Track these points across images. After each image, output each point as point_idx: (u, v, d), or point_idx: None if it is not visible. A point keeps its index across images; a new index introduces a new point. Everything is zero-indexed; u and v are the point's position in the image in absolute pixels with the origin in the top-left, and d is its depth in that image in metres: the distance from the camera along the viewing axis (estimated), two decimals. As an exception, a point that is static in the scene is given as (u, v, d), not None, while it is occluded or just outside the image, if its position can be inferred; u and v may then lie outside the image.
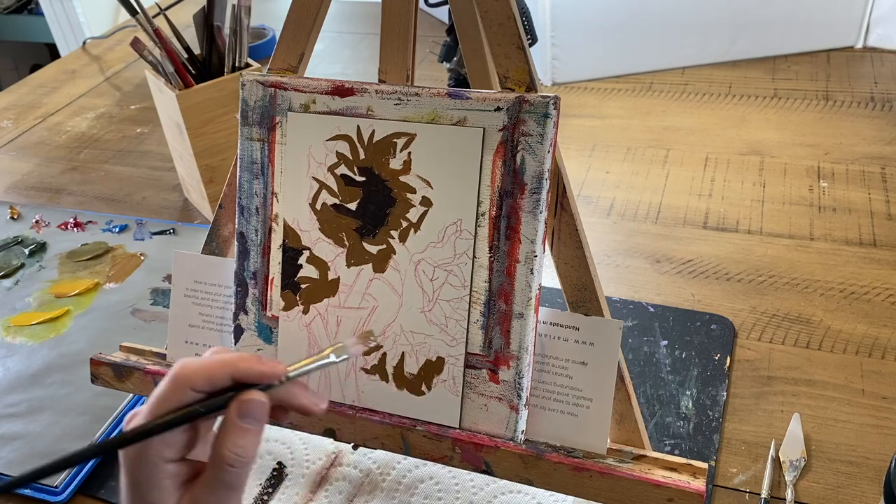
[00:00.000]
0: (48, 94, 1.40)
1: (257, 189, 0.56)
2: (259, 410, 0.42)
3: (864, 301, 0.78)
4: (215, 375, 0.42)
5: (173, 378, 0.42)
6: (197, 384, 0.42)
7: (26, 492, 0.66)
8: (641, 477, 0.49)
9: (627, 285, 0.83)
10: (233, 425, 0.42)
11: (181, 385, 0.41)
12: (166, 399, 0.41)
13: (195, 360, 0.42)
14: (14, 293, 0.89)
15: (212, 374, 0.42)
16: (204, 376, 0.42)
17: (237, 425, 0.42)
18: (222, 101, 0.93)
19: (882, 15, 1.20)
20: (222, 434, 0.42)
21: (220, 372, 0.42)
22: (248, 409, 0.42)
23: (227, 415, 0.42)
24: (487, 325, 0.50)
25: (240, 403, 0.42)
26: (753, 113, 1.11)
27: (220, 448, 0.42)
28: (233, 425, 0.42)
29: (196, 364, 0.42)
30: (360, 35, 1.50)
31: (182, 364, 0.42)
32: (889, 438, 0.65)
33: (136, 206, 1.05)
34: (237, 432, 0.42)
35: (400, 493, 0.63)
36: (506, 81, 0.49)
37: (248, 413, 0.42)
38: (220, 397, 0.42)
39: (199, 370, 0.42)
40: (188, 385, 0.42)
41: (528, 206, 0.49)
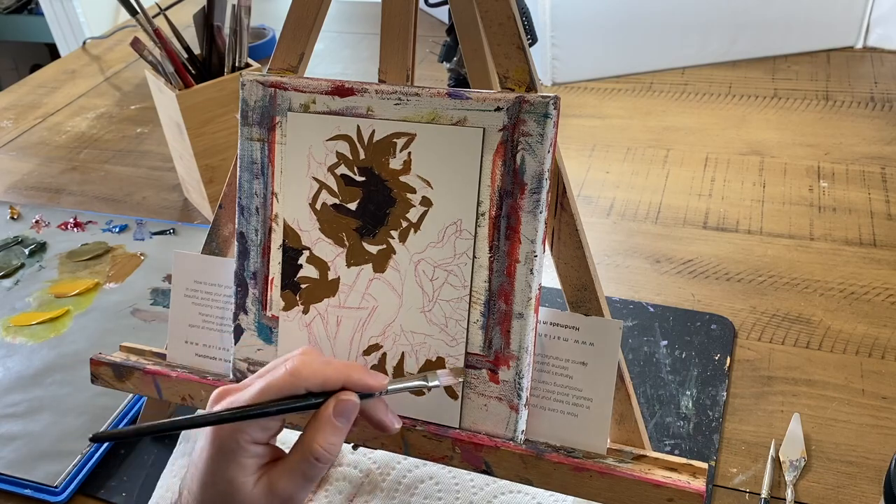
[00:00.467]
0: (48, 94, 1.40)
1: (257, 189, 0.56)
2: (353, 411, 0.45)
3: (864, 301, 0.78)
4: (330, 381, 0.45)
5: (293, 374, 0.44)
6: (311, 387, 0.44)
7: (26, 492, 0.66)
8: (641, 477, 0.49)
9: (627, 285, 0.83)
10: (328, 422, 0.44)
11: (298, 384, 0.44)
12: (280, 390, 0.44)
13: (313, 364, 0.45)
14: (14, 293, 0.89)
15: (328, 379, 0.45)
16: (321, 381, 0.45)
17: (332, 423, 0.44)
18: (222, 101, 0.93)
19: (882, 15, 1.20)
20: (315, 429, 0.44)
21: (334, 379, 0.45)
22: (343, 409, 0.45)
23: (322, 412, 0.45)
24: (487, 325, 0.50)
25: (338, 403, 0.45)
26: (753, 113, 1.11)
27: (311, 443, 0.44)
28: (328, 422, 0.44)
29: (316, 368, 0.45)
30: (360, 35, 1.50)
31: (304, 364, 0.45)
32: (889, 438, 0.65)
33: (136, 206, 1.05)
34: (331, 429, 0.44)
35: (400, 493, 0.63)
36: (506, 81, 0.49)
37: (343, 413, 0.45)
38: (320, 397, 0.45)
39: (318, 375, 0.44)
40: (304, 385, 0.44)
41: (528, 206, 0.49)
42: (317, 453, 0.44)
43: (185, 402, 0.61)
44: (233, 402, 0.44)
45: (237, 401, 0.44)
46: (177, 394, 0.61)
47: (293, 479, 0.45)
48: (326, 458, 0.44)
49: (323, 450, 0.44)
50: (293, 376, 0.44)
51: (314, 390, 0.45)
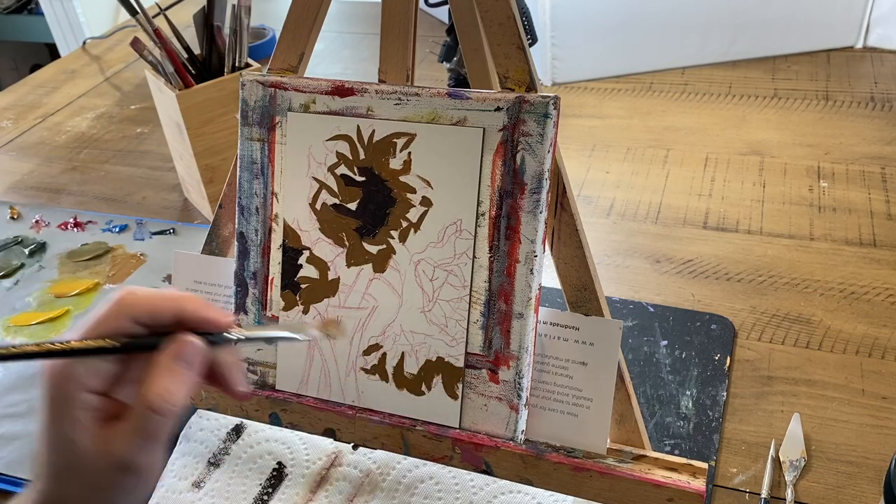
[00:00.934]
0: (48, 94, 1.40)
1: (257, 189, 0.56)
2: (194, 354, 0.39)
3: (864, 301, 0.78)
4: (159, 309, 0.39)
5: (116, 303, 0.39)
6: (138, 315, 0.39)
7: (26, 492, 0.66)
8: (641, 477, 0.49)
9: (627, 285, 0.83)
10: (164, 366, 0.39)
11: (122, 311, 0.39)
12: (104, 322, 0.39)
13: (142, 290, 0.40)
14: (14, 293, 0.89)
15: (156, 307, 0.39)
16: (147, 308, 0.39)
17: (168, 366, 0.38)
18: (222, 101, 0.93)
19: (882, 15, 1.20)
20: (150, 375, 0.38)
21: (164, 306, 0.39)
22: (182, 351, 0.39)
23: (158, 355, 0.39)
24: (487, 325, 0.50)
25: (176, 343, 0.39)
26: (753, 113, 1.11)
27: (146, 391, 0.38)
28: (164, 366, 0.39)
29: (142, 293, 0.39)
30: (360, 35, 1.50)
31: (128, 290, 0.39)
32: (889, 438, 0.65)
33: (136, 206, 1.05)
34: (167, 374, 0.38)
35: (400, 493, 0.63)
36: (506, 81, 0.49)
37: (181, 354, 0.39)
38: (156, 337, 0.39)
39: (144, 300, 0.39)
40: (129, 313, 0.39)
41: (528, 206, 0.49)
42: (152, 403, 0.38)
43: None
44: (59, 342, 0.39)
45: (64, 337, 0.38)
46: (177, 394, 0.61)
47: (131, 438, 0.38)
48: (164, 408, 0.38)
49: (159, 398, 0.38)
50: (116, 305, 0.39)
51: (143, 322, 0.39)
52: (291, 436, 0.68)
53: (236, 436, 0.68)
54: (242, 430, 0.68)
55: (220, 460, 0.66)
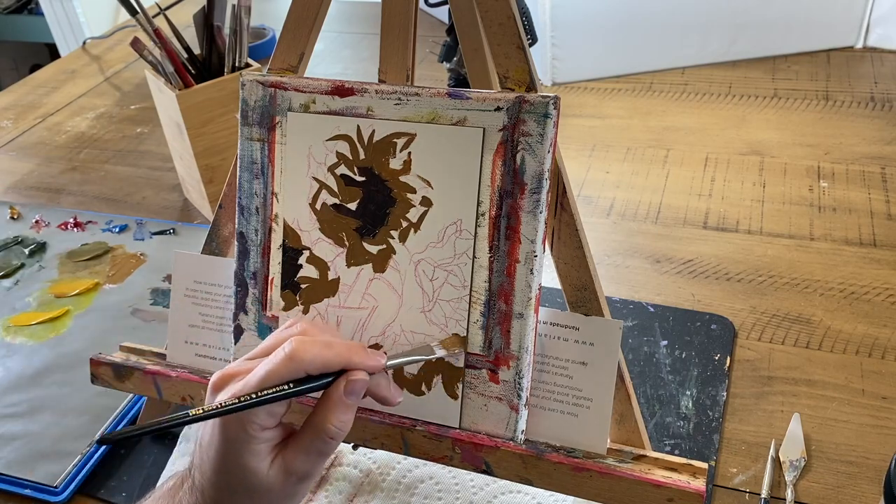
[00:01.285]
0: (48, 94, 1.40)
1: (257, 189, 0.56)
2: (362, 389, 0.46)
3: (864, 301, 0.78)
4: (330, 366, 0.45)
5: (292, 358, 0.44)
6: (312, 371, 0.44)
7: (26, 492, 0.66)
8: (641, 477, 0.49)
9: (627, 285, 0.83)
10: (339, 401, 0.45)
11: (298, 367, 0.44)
12: (279, 376, 0.44)
13: (314, 347, 0.45)
14: (14, 293, 0.89)
15: (328, 364, 0.45)
16: (320, 365, 0.45)
17: (343, 401, 0.45)
18: (222, 101, 0.93)
19: (882, 15, 1.20)
20: (326, 409, 0.45)
21: (334, 363, 0.45)
22: (353, 389, 0.45)
23: (332, 391, 0.45)
24: (487, 326, 0.50)
25: (348, 381, 0.45)
26: (753, 113, 1.11)
27: (324, 422, 0.45)
28: (339, 401, 0.45)
29: (315, 351, 0.44)
30: (360, 35, 1.50)
31: (302, 348, 0.44)
32: (889, 438, 0.65)
33: (136, 206, 1.05)
34: (342, 408, 0.45)
35: (400, 493, 0.63)
36: (506, 81, 0.49)
37: (353, 391, 0.45)
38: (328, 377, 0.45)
39: (318, 359, 0.44)
40: (304, 369, 0.44)
41: (528, 206, 0.49)
42: (330, 432, 0.45)
43: (185, 402, 0.61)
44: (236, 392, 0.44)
45: (240, 391, 0.44)
46: (177, 394, 0.61)
47: (308, 458, 0.46)
48: (340, 435, 0.45)
49: (336, 428, 0.45)
50: (293, 361, 0.44)
51: (314, 374, 0.45)
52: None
53: (236, 436, 0.68)
54: (242, 430, 0.68)
55: (220, 460, 0.66)
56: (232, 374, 0.46)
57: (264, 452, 0.45)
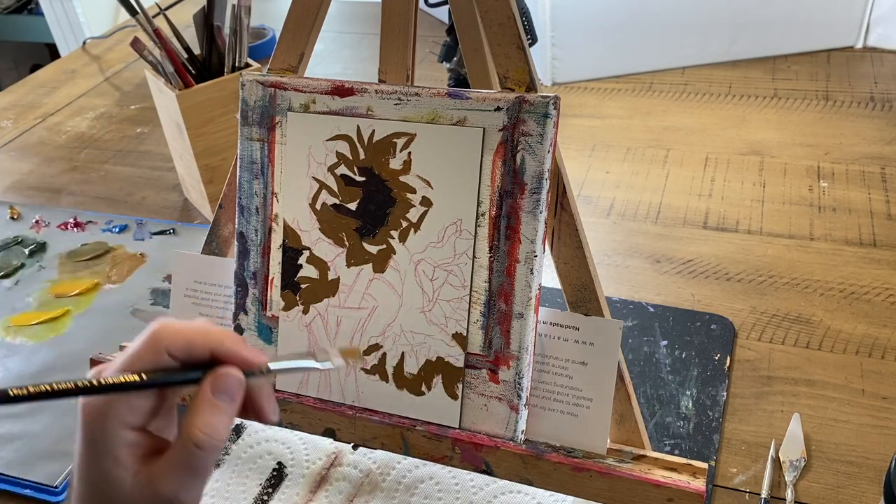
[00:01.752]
0: (48, 94, 1.40)
1: (257, 189, 0.56)
2: (236, 388, 0.39)
3: (864, 301, 0.78)
4: (195, 345, 0.39)
5: (151, 336, 0.39)
6: (174, 349, 0.39)
7: (26, 492, 0.66)
8: (641, 477, 0.49)
9: (627, 285, 0.83)
10: (205, 401, 0.39)
11: (158, 346, 0.38)
12: (140, 357, 0.38)
13: (177, 323, 0.39)
14: (14, 293, 0.89)
15: (191, 342, 0.39)
16: (183, 342, 0.39)
17: (210, 401, 0.39)
18: (222, 101, 0.93)
19: (882, 15, 1.20)
20: (192, 411, 0.39)
21: (200, 342, 0.39)
22: (224, 385, 0.39)
23: (199, 390, 0.39)
24: (487, 325, 0.50)
25: (216, 377, 0.39)
26: (753, 113, 1.11)
27: (189, 426, 0.38)
28: (205, 401, 0.39)
29: (177, 327, 0.39)
30: (360, 35, 1.50)
31: (162, 324, 0.39)
32: (889, 438, 0.65)
33: (136, 206, 1.05)
34: (209, 409, 0.38)
35: (400, 493, 0.63)
36: (506, 81, 0.49)
37: (223, 389, 0.39)
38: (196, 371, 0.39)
39: (179, 335, 0.39)
40: (164, 347, 0.38)
41: (528, 206, 0.49)
42: (196, 438, 0.38)
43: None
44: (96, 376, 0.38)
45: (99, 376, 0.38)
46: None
47: (175, 474, 0.38)
48: (209, 443, 0.38)
49: (203, 434, 0.38)
50: (151, 339, 0.38)
51: (179, 356, 0.39)
52: (291, 436, 0.68)
53: (236, 436, 0.68)
54: (242, 430, 0.68)
55: (219, 460, 0.66)
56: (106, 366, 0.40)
57: (126, 460, 0.38)
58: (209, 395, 0.39)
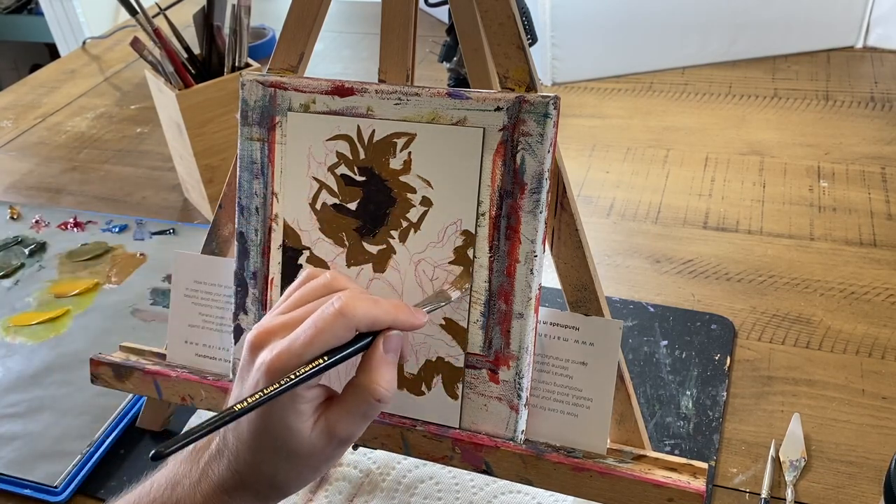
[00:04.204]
0: (48, 94, 1.40)
1: (257, 189, 0.56)
2: (399, 345, 0.45)
3: (864, 301, 0.78)
4: (380, 323, 0.44)
5: (343, 314, 0.42)
6: (361, 328, 0.43)
7: (26, 492, 0.66)
8: (641, 477, 0.49)
9: (627, 285, 0.83)
10: (380, 359, 0.43)
11: (349, 324, 0.42)
12: (331, 333, 0.42)
13: (364, 303, 0.43)
14: (14, 293, 0.89)
15: (377, 321, 0.43)
16: (369, 322, 0.43)
17: (384, 358, 0.44)
18: (222, 101, 0.93)
19: (882, 15, 1.20)
20: (369, 368, 0.43)
21: (383, 320, 0.44)
22: (393, 345, 0.44)
23: (374, 351, 0.44)
24: (487, 325, 0.50)
25: (388, 339, 0.44)
26: (753, 113, 1.11)
27: (371, 384, 0.43)
28: (380, 359, 0.43)
29: (365, 308, 0.43)
30: (360, 35, 1.50)
31: (352, 303, 0.42)
32: (889, 438, 0.65)
33: (135, 206, 1.05)
34: (385, 366, 0.44)
35: (400, 493, 0.63)
36: (506, 81, 0.49)
37: (393, 348, 0.44)
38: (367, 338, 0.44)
39: (368, 315, 0.43)
40: (354, 325, 0.43)
41: (528, 206, 0.49)
42: (378, 394, 0.43)
43: (184, 402, 0.61)
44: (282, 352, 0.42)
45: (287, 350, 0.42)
46: (176, 394, 0.61)
47: (354, 421, 0.44)
48: (387, 396, 0.44)
49: (384, 389, 0.43)
50: (344, 317, 0.42)
51: (362, 330, 0.43)
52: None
53: (236, 436, 0.68)
54: (242, 430, 0.68)
55: (220, 460, 0.66)
56: (270, 329, 0.44)
57: (308, 413, 0.43)
58: (383, 355, 0.44)
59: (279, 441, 0.43)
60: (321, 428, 0.44)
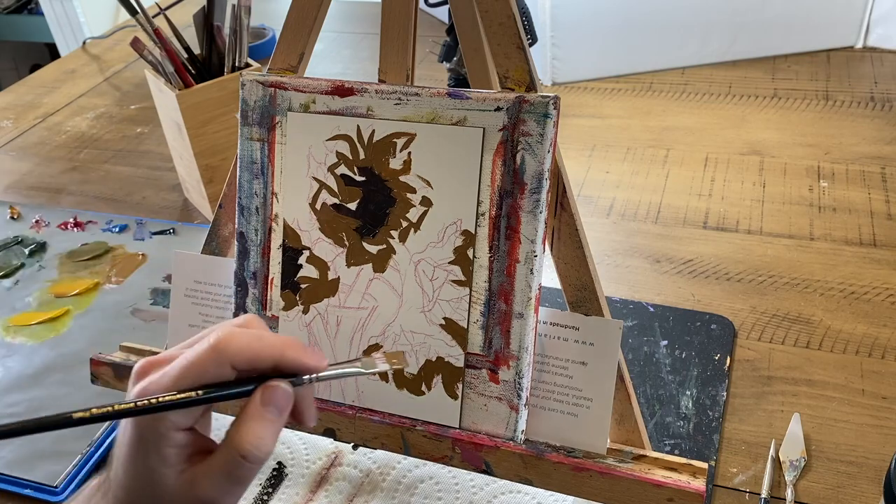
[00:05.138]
0: (48, 94, 1.40)
1: (257, 189, 0.56)
2: (285, 401, 0.40)
3: (864, 301, 0.78)
4: (261, 358, 0.39)
5: (216, 349, 0.39)
6: (238, 362, 0.39)
7: (26, 492, 0.66)
8: (641, 477, 0.49)
9: (627, 285, 0.83)
10: (255, 413, 0.39)
11: (222, 359, 0.39)
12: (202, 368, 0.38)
13: (241, 337, 0.39)
14: (14, 293, 0.89)
15: (257, 356, 0.39)
16: (248, 358, 0.39)
17: (260, 413, 0.39)
18: (222, 101, 0.93)
19: (882, 15, 1.20)
20: (241, 422, 0.39)
21: (266, 354, 0.39)
22: (273, 398, 0.40)
23: (249, 402, 0.40)
24: (487, 325, 0.50)
25: (266, 390, 0.39)
26: (753, 113, 1.11)
27: (238, 438, 0.39)
28: (255, 413, 0.39)
29: (243, 343, 0.39)
30: (360, 35, 1.50)
31: (228, 338, 0.39)
32: (889, 438, 0.65)
33: (136, 206, 1.05)
34: (259, 421, 0.39)
35: (400, 493, 0.63)
36: (506, 81, 0.49)
37: (273, 402, 0.40)
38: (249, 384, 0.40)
39: (245, 350, 0.39)
40: (228, 360, 0.39)
41: (528, 206, 0.49)
42: (244, 451, 0.38)
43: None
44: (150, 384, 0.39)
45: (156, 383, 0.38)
46: (177, 394, 0.61)
47: (217, 481, 0.39)
48: (256, 456, 0.39)
49: (251, 447, 0.38)
50: (216, 351, 0.38)
51: (241, 368, 0.39)
52: (291, 436, 0.68)
53: (236, 436, 0.68)
54: (242, 430, 0.68)
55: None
56: (157, 361, 0.40)
57: (174, 459, 0.39)
58: (259, 408, 0.39)
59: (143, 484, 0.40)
60: (186, 481, 0.39)
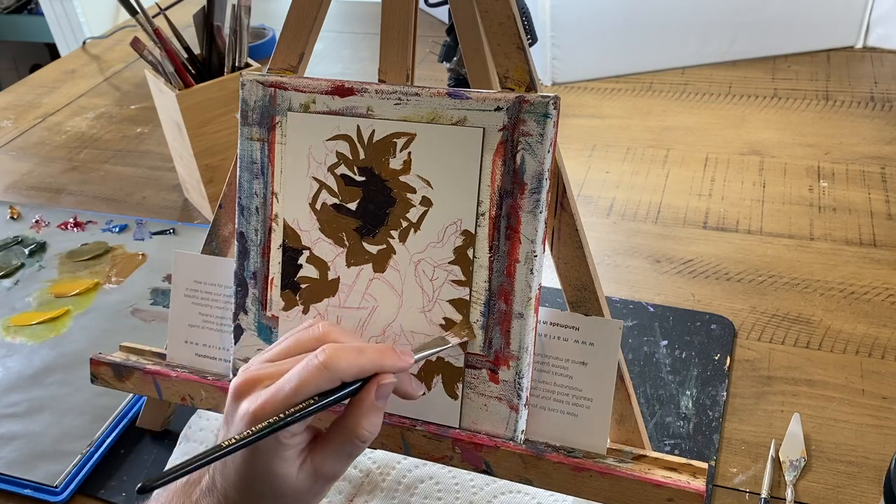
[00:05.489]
0: (48, 94, 1.40)
1: (257, 189, 0.56)
2: (390, 391, 0.46)
3: (864, 301, 0.78)
4: (364, 372, 0.45)
5: (327, 368, 0.43)
6: (346, 378, 0.44)
7: (26, 492, 0.66)
8: (641, 477, 0.49)
9: (627, 285, 0.83)
10: (371, 405, 0.45)
11: (332, 377, 0.44)
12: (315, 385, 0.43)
13: (347, 355, 0.44)
14: (14, 293, 0.89)
15: (362, 372, 0.45)
16: (355, 372, 0.44)
17: (373, 405, 0.45)
18: (222, 101, 0.93)
19: (882, 15, 1.20)
20: (358, 413, 0.45)
21: (368, 369, 0.45)
22: (384, 391, 0.46)
23: (364, 396, 0.45)
24: (487, 325, 0.50)
25: (380, 388, 0.45)
26: (753, 113, 1.11)
27: (356, 427, 0.45)
28: (371, 405, 0.45)
29: (350, 359, 0.44)
30: (360, 35, 1.50)
31: (335, 357, 0.44)
32: (889, 438, 0.65)
33: (136, 206, 1.05)
34: (373, 411, 0.45)
35: (400, 493, 0.63)
36: (506, 81, 0.49)
37: (384, 395, 0.46)
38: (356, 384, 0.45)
39: (353, 367, 0.44)
40: (339, 377, 0.44)
41: (528, 205, 0.49)
42: (362, 436, 0.45)
43: (184, 402, 0.61)
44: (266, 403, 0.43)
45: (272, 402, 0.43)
46: (177, 394, 0.61)
47: (338, 460, 0.46)
48: (371, 438, 0.46)
49: (368, 432, 0.45)
50: (328, 370, 0.43)
51: (348, 381, 0.45)
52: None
53: (236, 436, 0.68)
54: (242, 430, 0.68)
55: (220, 460, 0.66)
56: (255, 378, 0.45)
57: (293, 458, 0.45)
58: (373, 400, 0.45)
59: (265, 485, 0.45)
60: (307, 469, 0.45)
